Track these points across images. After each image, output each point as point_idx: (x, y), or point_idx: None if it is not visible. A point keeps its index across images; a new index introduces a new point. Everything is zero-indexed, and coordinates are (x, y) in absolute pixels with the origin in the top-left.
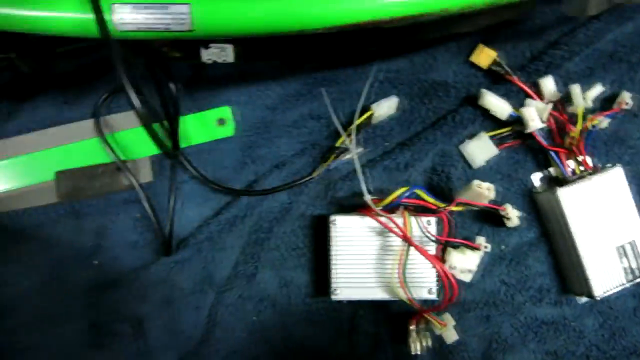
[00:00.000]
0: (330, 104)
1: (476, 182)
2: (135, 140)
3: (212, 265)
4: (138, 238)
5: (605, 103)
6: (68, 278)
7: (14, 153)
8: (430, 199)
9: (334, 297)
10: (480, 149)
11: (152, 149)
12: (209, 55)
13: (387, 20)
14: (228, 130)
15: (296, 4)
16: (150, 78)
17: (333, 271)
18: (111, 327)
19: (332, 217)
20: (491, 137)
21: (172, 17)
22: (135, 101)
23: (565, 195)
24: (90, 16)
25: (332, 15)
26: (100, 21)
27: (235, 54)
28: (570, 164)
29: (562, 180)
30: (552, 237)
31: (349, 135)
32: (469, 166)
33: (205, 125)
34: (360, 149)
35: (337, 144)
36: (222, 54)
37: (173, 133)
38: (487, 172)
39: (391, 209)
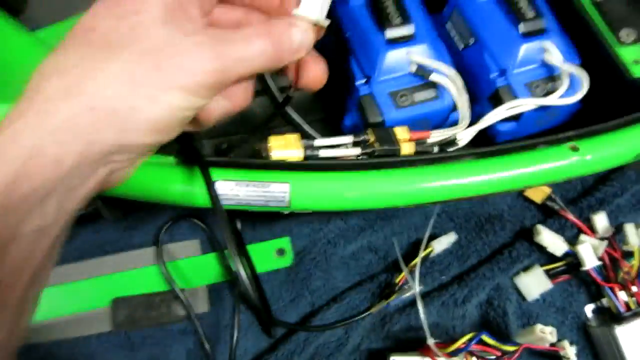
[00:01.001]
0: (396, 244)
1: (539, 326)
2: (193, 269)
3: None
4: None
5: None
6: None
7: (71, 279)
8: (495, 343)
9: None
10: (535, 283)
11: (209, 278)
12: None
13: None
14: (286, 261)
15: (391, 184)
16: None
17: None
18: None
19: (392, 358)
20: (545, 271)
21: (272, 195)
22: (241, 273)
23: (623, 333)
24: (199, 190)
25: (424, 195)
26: (212, 197)
27: None
28: (622, 296)
29: (616, 314)
30: None
31: (410, 271)
32: (523, 299)
33: (264, 256)
34: (421, 287)
35: (397, 280)
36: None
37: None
38: (541, 305)
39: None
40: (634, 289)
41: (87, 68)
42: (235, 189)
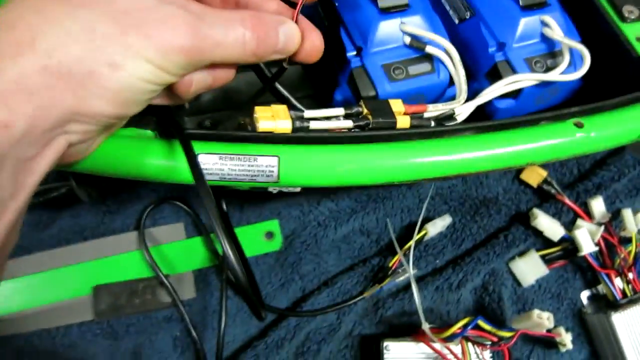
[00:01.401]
0: (390, 226)
1: (537, 312)
2: (178, 254)
3: None
4: (178, 358)
5: None
6: None
7: (50, 266)
8: (491, 329)
9: None
10: (531, 269)
11: (195, 263)
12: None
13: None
14: (275, 245)
15: (386, 158)
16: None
17: None
18: None
19: (385, 343)
20: (541, 257)
21: (260, 169)
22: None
23: (619, 320)
24: (181, 164)
25: (421, 170)
26: (195, 171)
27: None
28: (618, 282)
29: (612, 301)
30: (603, 358)
31: (403, 254)
32: (519, 284)
33: (252, 239)
34: (415, 270)
35: (390, 264)
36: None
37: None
38: (536, 291)
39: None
40: (631, 275)
41: (40, 22)
42: (219, 162)
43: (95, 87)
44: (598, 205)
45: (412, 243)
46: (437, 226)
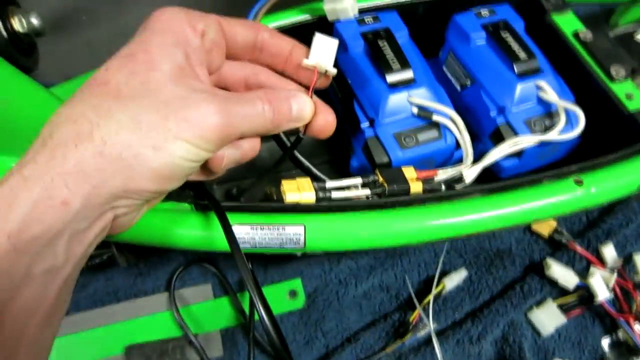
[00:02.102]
0: (408, 281)
1: None
2: (206, 314)
3: None
4: None
5: None
6: None
7: (85, 327)
8: None
9: None
10: (549, 318)
11: (223, 322)
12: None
13: None
14: (299, 303)
15: (403, 222)
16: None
17: None
18: None
19: None
20: (558, 305)
21: (288, 237)
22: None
23: None
24: (216, 234)
25: (437, 232)
26: (231, 241)
27: None
28: (638, 328)
29: (633, 347)
30: None
31: (423, 309)
32: (538, 334)
33: (276, 298)
34: (435, 325)
35: (411, 319)
36: None
37: (251, 309)
38: (557, 340)
39: None
40: None
41: (97, 116)
42: (251, 232)
43: (140, 168)
44: (609, 251)
45: (430, 297)
46: (453, 280)
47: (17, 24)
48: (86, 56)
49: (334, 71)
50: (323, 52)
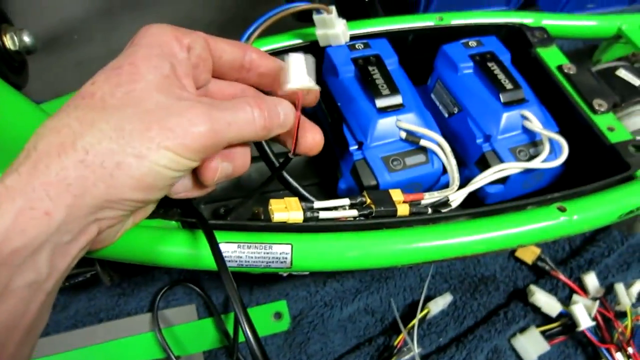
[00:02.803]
0: (393, 305)
1: None
2: (189, 335)
3: None
4: None
5: None
6: None
7: (65, 348)
8: None
9: None
10: (532, 345)
11: (206, 344)
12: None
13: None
14: (283, 325)
15: (389, 244)
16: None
17: None
18: None
19: None
20: (541, 332)
21: (274, 256)
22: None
23: None
24: (203, 252)
25: (422, 254)
26: (218, 259)
27: None
28: (619, 357)
29: None
30: None
31: (408, 333)
32: None
33: (261, 320)
34: (419, 349)
35: (395, 343)
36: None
37: (235, 330)
38: None
39: None
40: (630, 350)
41: (81, 127)
42: (238, 250)
43: (123, 177)
44: (591, 280)
45: (415, 322)
46: (438, 304)
47: (9, 42)
48: (77, 75)
49: (316, 88)
50: (302, 71)
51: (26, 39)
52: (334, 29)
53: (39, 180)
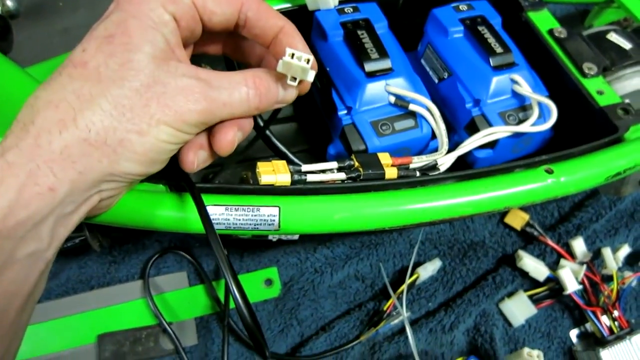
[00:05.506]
0: (383, 271)
1: (526, 350)
2: (180, 302)
3: None
4: None
5: (630, 259)
6: None
7: (56, 315)
8: None
9: None
10: (520, 309)
11: (197, 311)
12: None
13: None
14: (274, 291)
15: (377, 206)
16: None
17: None
18: None
19: None
20: (529, 297)
21: (262, 218)
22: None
23: (608, 356)
24: (191, 215)
25: (410, 216)
26: (205, 220)
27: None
28: (605, 319)
29: (600, 338)
30: None
31: (397, 298)
32: (509, 324)
33: (252, 286)
34: (408, 313)
35: (385, 308)
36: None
37: (226, 296)
38: (527, 331)
39: None
40: (616, 312)
41: (79, 102)
42: (226, 213)
43: (126, 152)
44: (579, 245)
45: (404, 287)
46: (428, 270)
47: None
48: (63, 42)
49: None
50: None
51: (9, 2)
52: None
53: (42, 157)
